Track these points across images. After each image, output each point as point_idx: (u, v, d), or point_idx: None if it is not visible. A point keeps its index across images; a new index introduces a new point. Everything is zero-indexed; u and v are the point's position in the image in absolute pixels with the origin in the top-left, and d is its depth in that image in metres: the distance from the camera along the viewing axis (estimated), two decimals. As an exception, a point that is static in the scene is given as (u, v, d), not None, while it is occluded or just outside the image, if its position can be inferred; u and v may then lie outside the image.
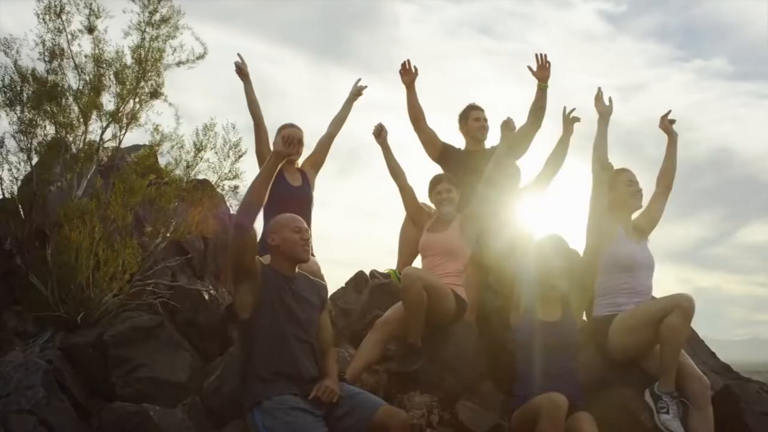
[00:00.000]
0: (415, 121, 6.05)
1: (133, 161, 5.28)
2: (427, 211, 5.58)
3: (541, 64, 5.97)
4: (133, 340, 4.44)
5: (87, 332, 4.53)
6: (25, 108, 5.10)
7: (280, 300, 3.78)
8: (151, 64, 5.29)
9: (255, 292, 3.75)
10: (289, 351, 3.74)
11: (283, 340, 3.74)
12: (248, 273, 3.75)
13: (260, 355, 3.73)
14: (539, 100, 5.94)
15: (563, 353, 4.27)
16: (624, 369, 4.58)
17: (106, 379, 4.39)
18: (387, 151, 5.52)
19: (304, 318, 3.84)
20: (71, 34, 5.34)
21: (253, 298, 3.75)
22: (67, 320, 4.60)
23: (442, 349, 5.07)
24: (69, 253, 4.54)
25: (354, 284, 6.41)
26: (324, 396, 3.71)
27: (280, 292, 3.80)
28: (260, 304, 3.74)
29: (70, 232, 4.53)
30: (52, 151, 5.18)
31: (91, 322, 4.63)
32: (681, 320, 4.18)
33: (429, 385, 4.83)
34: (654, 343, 4.35)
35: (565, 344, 4.28)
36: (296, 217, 4.02)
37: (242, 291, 3.78)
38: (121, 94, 5.21)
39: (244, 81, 5.35)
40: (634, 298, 4.65)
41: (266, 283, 3.78)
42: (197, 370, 4.50)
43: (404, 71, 6.13)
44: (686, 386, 4.25)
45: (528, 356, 4.31)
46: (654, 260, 4.89)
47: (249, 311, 3.76)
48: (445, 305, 4.92)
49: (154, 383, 4.28)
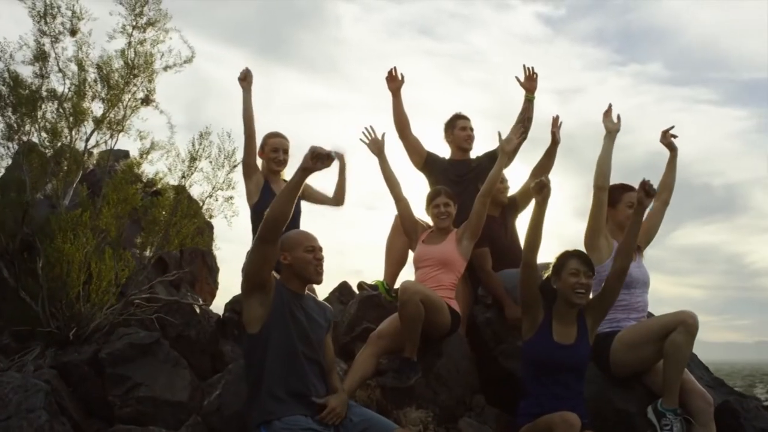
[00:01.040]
0: (400, 129, 6.01)
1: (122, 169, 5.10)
2: (421, 223, 5.56)
3: (528, 75, 6.01)
4: (131, 357, 4.29)
5: (81, 349, 4.37)
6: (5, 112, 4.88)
7: (293, 317, 3.72)
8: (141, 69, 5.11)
9: (266, 306, 3.69)
10: (300, 369, 3.69)
11: (294, 358, 3.68)
12: (262, 286, 3.68)
13: (271, 372, 3.66)
14: (526, 111, 5.97)
15: (574, 375, 4.27)
16: (626, 385, 4.61)
17: (103, 399, 4.23)
18: (384, 161, 5.48)
19: (314, 337, 3.80)
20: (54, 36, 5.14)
21: (264, 312, 3.68)
22: (57, 336, 4.42)
23: (436, 363, 5.06)
24: (61, 266, 4.36)
25: (338, 295, 6.35)
26: (329, 419, 3.67)
27: (293, 308, 3.75)
28: (272, 319, 3.68)
29: (63, 245, 4.34)
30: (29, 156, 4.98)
31: (84, 338, 4.46)
32: (685, 337, 4.22)
33: (423, 400, 4.82)
34: (657, 360, 4.39)
35: (576, 367, 4.27)
36: (310, 235, 3.95)
37: (253, 304, 3.71)
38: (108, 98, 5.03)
39: (244, 89, 5.25)
40: (632, 314, 4.69)
41: (279, 298, 3.72)
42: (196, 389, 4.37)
43: (390, 78, 6.10)
44: (689, 403, 4.29)
45: (537, 375, 4.29)
46: (649, 276, 4.92)
47: (259, 325, 3.69)
48: (441, 319, 4.92)
49: (153, 403, 4.14)
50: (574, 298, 4.21)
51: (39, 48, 5.11)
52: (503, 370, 5.27)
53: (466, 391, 5.11)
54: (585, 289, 4.20)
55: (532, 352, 4.34)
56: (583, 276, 4.20)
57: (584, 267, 4.22)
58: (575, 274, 4.21)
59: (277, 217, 3.58)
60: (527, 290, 4.35)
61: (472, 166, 6.12)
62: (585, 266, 4.22)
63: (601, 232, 4.82)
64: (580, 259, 4.25)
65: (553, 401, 4.15)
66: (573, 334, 4.29)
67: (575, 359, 4.26)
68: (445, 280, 5.13)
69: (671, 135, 5.34)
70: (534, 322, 4.36)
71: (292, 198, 3.58)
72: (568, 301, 4.24)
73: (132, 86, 5.15)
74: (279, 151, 5.48)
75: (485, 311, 5.68)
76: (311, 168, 3.54)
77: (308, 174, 3.56)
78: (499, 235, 5.85)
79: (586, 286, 4.20)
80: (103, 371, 4.28)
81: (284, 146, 5.54)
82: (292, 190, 3.57)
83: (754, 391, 33.67)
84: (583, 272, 4.20)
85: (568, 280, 4.22)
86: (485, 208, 5.22)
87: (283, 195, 3.58)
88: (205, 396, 4.33)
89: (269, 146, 5.49)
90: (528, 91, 6.00)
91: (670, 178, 5.23)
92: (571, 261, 4.24)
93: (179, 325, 4.86)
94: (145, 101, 5.15)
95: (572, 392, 4.22)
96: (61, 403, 3.97)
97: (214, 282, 7.50)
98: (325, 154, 3.52)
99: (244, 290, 3.75)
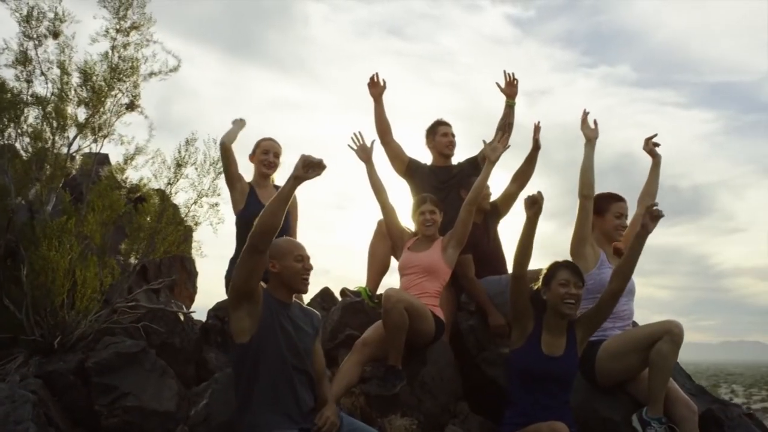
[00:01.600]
0: (381, 135, 6.04)
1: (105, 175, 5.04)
2: (407, 230, 5.58)
3: (509, 81, 6.06)
4: (117, 367, 4.24)
5: (66, 358, 4.31)
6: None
7: (281, 327, 3.72)
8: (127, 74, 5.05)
9: (254, 317, 3.68)
10: (290, 381, 3.69)
11: (284, 369, 3.68)
12: (250, 296, 3.67)
13: (261, 384, 3.66)
14: (507, 117, 6.03)
15: (561, 386, 4.31)
16: (611, 394, 4.66)
17: (89, 408, 4.18)
18: (371, 168, 5.50)
19: (302, 347, 3.80)
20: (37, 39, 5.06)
21: (252, 323, 3.67)
22: (41, 344, 4.36)
23: (421, 370, 5.08)
24: (46, 273, 4.30)
25: (321, 301, 6.33)
26: (325, 428, 3.68)
27: (280, 318, 3.74)
28: (260, 330, 3.67)
29: (48, 252, 4.28)
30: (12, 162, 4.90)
31: (68, 346, 4.40)
32: (671, 346, 4.27)
33: (408, 408, 4.83)
34: (642, 369, 4.44)
35: (564, 378, 4.31)
36: (299, 244, 3.96)
37: (241, 315, 3.69)
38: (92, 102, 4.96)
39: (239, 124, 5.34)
40: (617, 323, 4.74)
41: (267, 309, 3.71)
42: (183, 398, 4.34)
43: (372, 84, 6.12)
44: (674, 412, 4.35)
45: (523, 385, 4.32)
46: (635, 284, 4.93)
47: (248, 336, 3.68)
48: (426, 327, 4.95)
49: (140, 413, 4.10)
50: (564, 308, 4.23)
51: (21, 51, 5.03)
52: (486, 377, 5.30)
53: (450, 398, 5.14)
54: (575, 299, 4.23)
55: (519, 362, 4.37)
56: (573, 287, 4.23)
57: (574, 278, 4.25)
58: (565, 284, 4.24)
59: (267, 227, 3.56)
60: (518, 301, 4.38)
61: (453, 173, 6.16)
62: (575, 277, 4.25)
63: (587, 240, 4.86)
64: (570, 270, 4.29)
65: (539, 411, 4.19)
66: (562, 346, 4.32)
67: (563, 371, 4.29)
68: (429, 288, 5.16)
69: (653, 143, 5.38)
70: (523, 332, 4.38)
71: (282, 207, 3.57)
72: (558, 311, 4.27)
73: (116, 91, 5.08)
74: (269, 153, 5.51)
75: (469, 318, 5.71)
76: (302, 177, 3.54)
77: (299, 183, 3.56)
78: (482, 241, 5.88)
79: (576, 296, 4.23)
80: (89, 380, 4.23)
81: (275, 149, 5.58)
82: (283, 199, 3.56)
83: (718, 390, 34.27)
84: (573, 283, 4.24)
85: (557, 290, 4.25)
86: (471, 216, 5.25)
87: (273, 204, 3.56)
88: (191, 405, 4.31)
89: (260, 149, 5.53)
90: (509, 96, 6.07)
91: (653, 186, 5.26)
92: (561, 272, 4.28)
93: (163, 333, 4.82)
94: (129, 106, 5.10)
95: (558, 402, 4.26)
96: (48, 414, 3.92)
97: (193, 287, 7.47)
98: (316, 163, 3.51)
99: (232, 301, 3.73)
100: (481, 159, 6.07)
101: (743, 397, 39.68)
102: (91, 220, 4.63)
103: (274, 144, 5.60)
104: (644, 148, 5.40)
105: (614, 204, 5.01)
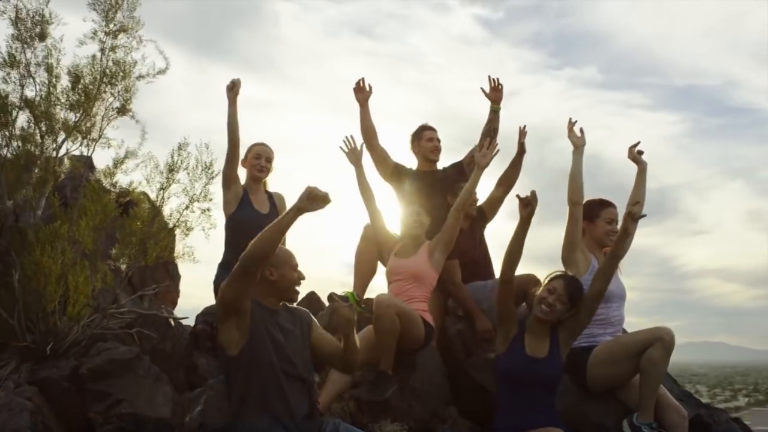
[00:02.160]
0: (367, 140, 6.06)
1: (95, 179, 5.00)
2: (393, 236, 5.61)
3: (493, 86, 6.11)
4: (111, 373, 4.20)
5: (59, 364, 4.26)
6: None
7: (270, 336, 3.74)
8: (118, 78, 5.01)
9: (243, 329, 3.70)
10: (281, 390, 3.71)
11: (275, 378, 3.70)
12: (238, 311, 3.69)
13: (253, 394, 3.69)
14: (492, 122, 6.08)
15: (546, 389, 4.38)
16: (602, 400, 4.72)
17: (83, 415, 4.14)
18: (361, 172, 5.54)
19: (290, 350, 3.80)
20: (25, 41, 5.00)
21: (241, 335, 3.70)
22: (33, 350, 4.31)
23: (410, 376, 5.12)
24: (39, 279, 4.26)
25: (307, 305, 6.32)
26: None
27: (269, 327, 3.77)
28: (250, 342, 3.70)
29: (41, 257, 4.24)
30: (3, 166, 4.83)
31: (60, 352, 4.36)
32: (662, 353, 4.34)
33: (398, 413, 4.88)
34: (633, 375, 4.50)
35: (549, 381, 4.38)
36: (293, 253, 3.98)
37: (230, 328, 3.72)
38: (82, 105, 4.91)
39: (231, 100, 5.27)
40: (608, 329, 4.78)
41: (255, 320, 3.73)
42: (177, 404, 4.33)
43: (358, 89, 6.15)
44: (664, 417, 4.42)
45: (510, 389, 4.39)
46: (625, 289, 5.02)
47: (238, 348, 3.70)
48: (416, 332, 5.00)
49: (135, 419, 4.07)
50: (537, 310, 4.35)
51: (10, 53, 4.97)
52: (474, 382, 5.35)
53: (439, 403, 5.19)
54: (550, 309, 4.32)
55: (504, 365, 4.44)
56: (557, 299, 4.32)
57: (563, 290, 4.33)
58: (551, 291, 4.35)
59: (262, 254, 3.60)
60: (503, 305, 4.46)
61: (438, 177, 6.20)
62: (564, 290, 4.33)
63: (578, 246, 4.90)
64: (564, 282, 4.37)
65: (528, 415, 4.27)
66: (545, 348, 4.40)
67: (547, 373, 4.37)
68: (417, 294, 5.21)
69: (638, 151, 5.39)
70: (507, 336, 4.47)
71: (279, 237, 3.62)
72: (534, 313, 4.37)
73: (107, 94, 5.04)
74: (261, 157, 5.52)
75: (456, 323, 5.75)
76: (306, 208, 3.56)
77: (301, 214, 3.58)
78: (469, 247, 5.93)
79: (552, 307, 4.31)
80: (83, 387, 4.20)
81: (267, 154, 5.59)
82: (282, 229, 3.62)
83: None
84: (558, 295, 4.32)
85: (540, 293, 4.37)
86: (459, 222, 5.30)
87: (271, 233, 3.59)
88: (185, 412, 4.29)
89: (252, 153, 5.54)
90: (493, 102, 6.11)
91: (639, 192, 5.22)
92: (555, 281, 4.38)
93: (155, 339, 4.79)
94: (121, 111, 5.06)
95: (545, 405, 4.34)
96: (45, 422, 3.88)
97: (176, 290, 7.44)
98: (321, 197, 3.54)
99: (220, 315, 3.76)
100: (467, 164, 6.13)
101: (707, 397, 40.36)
102: (83, 225, 4.59)
103: (266, 149, 5.61)
104: (629, 156, 5.41)
105: (605, 210, 5.06)
